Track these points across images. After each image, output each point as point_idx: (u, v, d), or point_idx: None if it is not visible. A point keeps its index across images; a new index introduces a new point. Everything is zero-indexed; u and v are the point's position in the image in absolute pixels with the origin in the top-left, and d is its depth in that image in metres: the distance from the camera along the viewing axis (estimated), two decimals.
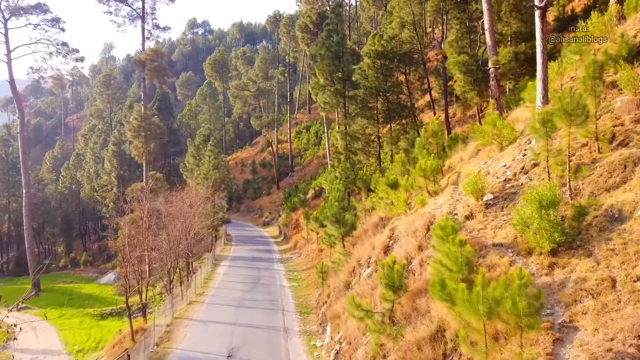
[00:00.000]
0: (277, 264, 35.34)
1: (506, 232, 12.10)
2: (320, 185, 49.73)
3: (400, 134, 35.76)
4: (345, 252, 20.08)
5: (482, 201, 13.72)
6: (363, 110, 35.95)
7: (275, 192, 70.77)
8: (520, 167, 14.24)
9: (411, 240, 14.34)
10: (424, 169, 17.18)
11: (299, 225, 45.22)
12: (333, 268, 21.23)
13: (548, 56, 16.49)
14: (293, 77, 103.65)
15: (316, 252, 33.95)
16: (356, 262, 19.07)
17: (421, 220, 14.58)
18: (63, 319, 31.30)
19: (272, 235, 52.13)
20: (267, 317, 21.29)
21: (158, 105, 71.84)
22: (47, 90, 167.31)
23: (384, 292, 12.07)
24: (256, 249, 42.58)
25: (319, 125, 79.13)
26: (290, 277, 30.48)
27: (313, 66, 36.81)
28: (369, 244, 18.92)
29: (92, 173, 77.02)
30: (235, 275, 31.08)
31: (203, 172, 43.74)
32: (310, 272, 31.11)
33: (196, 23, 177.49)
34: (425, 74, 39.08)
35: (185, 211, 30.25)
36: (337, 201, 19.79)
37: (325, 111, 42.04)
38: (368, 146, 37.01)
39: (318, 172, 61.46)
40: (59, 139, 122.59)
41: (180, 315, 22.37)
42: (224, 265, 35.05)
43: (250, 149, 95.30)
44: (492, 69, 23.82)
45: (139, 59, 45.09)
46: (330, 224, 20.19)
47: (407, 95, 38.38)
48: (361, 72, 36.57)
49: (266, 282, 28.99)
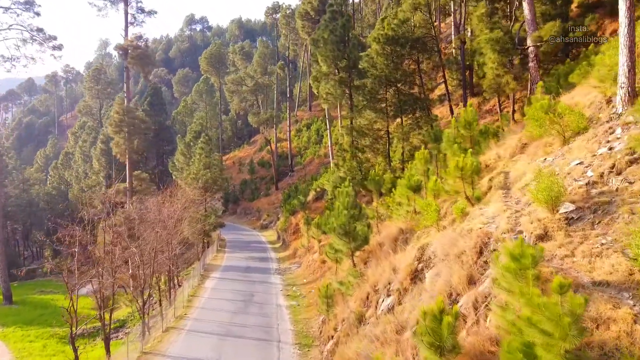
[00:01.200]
0: (273, 276, 31.22)
1: (611, 264, 7.96)
2: (322, 186, 45.58)
3: (412, 128, 31.63)
4: (355, 272, 15.96)
5: (560, 214, 9.59)
6: (371, 102, 31.80)
7: (274, 193, 66.65)
8: (609, 166, 10.11)
9: (455, 267, 10.20)
10: (462, 168, 13.06)
11: (299, 231, 41.09)
12: (340, 291, 17.10)
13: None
14: (293, 73, 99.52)
15: (318, 263, 29.84)
16: (371, 287, 14.94)
17: (468, 239, 10.44)
18: (25, 341, 27.15)
19: (269, 240, 48.01)
20: (258, 351, 17.17)
21: (150, 100, 67.74)
22: (41, 88, 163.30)
23: (427, 355, 7.94)
24: (251, 257, 38.45)
25: (320, 123, 75.03)
26: (289, 294, 26.36)
27: (315, 52, 32.73)
28: (386, 264, 14.79)
29: (81, 173, 72.92)
30: (224, 291, 26.93)
31: (193, 171, 39.61)
32: (312, 287, 27.00)
33: (194, 19, 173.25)
34: (441, 62, 34.91)
35: (166, 217, 26.13)
36: (346, 208, 15.68)
37: (328, 103, 37.90)
38: (377, 143, 32.87)
39: (319, 172, 57.38)
40: (51, 138, 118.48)
41: (152, 348, 18.23)
42: (214, 277, 30.90)
43: (248, 148, 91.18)
44: (531, 48, 19.68)
45: (121, 45, 40.94)
46: (337, 237, 16.08)
47: (419, 85, 34.20)
48: (369, 60, 32.43)
49: (260, 300, 24.87)
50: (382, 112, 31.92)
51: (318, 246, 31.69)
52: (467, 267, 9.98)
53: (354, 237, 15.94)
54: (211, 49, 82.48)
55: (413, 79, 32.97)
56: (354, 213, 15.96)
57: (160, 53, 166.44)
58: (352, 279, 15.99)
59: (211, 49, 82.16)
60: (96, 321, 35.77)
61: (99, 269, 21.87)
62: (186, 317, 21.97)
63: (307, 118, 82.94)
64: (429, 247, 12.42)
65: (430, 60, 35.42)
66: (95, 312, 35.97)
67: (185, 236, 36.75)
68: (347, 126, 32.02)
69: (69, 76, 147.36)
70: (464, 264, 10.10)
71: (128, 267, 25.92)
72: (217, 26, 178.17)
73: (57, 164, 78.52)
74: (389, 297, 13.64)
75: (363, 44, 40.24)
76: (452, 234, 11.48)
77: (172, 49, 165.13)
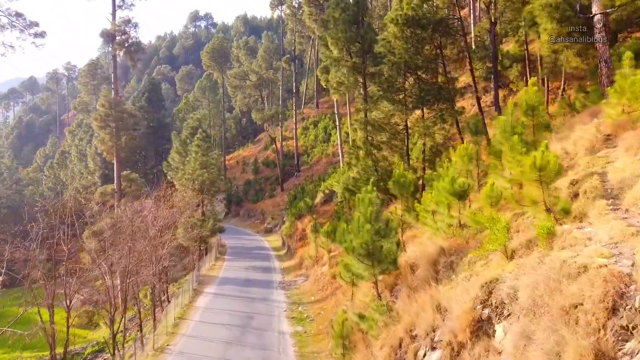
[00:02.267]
0: (277, 292, 27.27)
1: None
2: (330, 187, 41.59)
3: (435, 122, 27.53)
4: (381, 307, 11.93)
5: None
6: (388, 92, 27.71)
7: (279, 194, 62.70)
8: None
9: (566, 333, 6.14)
10: (541, 168, 9.02)
11: (305, 237, 37.13)
12: (360, 328, 13.08)
13: None
14: (300, 70, 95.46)
15: (328, 277, 25.84)
16: (405, 331, 10.91)
17: (586, 283, 6.36)
18: None
19: (273, 246, 44.05)
20: None
21: (148, 95, 63.99)
22: (43, 87, 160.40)
23: None
24: (253, 267, 34.50)
25: (327, 121, 70.95)
26: (294, 316, 22.37)
27: (324, 36, 28.69)
28: (426, 299, 10.75)
29: (77, 172, 69.33)
30: (219, 312, 22.97)
31: (188, 171, 35.70)
32: (321, 307, 23.05)
33: (198, 16, 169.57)
34: (466, 46, 30.72)
35: (150, 225, 22.23)
36: (369, 221, 11.67)
37: (339, 94, 33.84)
38: (394, 138, 28.80)
39: (327, 171, 53.38)
40: (51, 137, 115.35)
41: None
42: (208, 292, 26.98)
43: (252, 147, 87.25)
44: (598, 16, 15.55)
45: (107, 31, 37.05)
46: (356, 259, 12.06)
47: (442, 74, 30.07)
48: (385, 44, 28.42)
49: (260, 325, 20.90)
50: (401, 103, 27.85)
51: (328, 257, 27.73)
52: (590, 335, 5.92)
53: (379, 260, 11.91)
54: (214, 42, 78.38)
55: (436, 66, 28.84)
56: (379, 228, 11.94)
57: (164, 50, 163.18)
58: (377, 316, 11.96)
59: (214, 43, 78.09)
60: (79, 340, 32.06)
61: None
62: (167, 350, 18.01)
63: (314, 115, 78.93)
64: (499, 285, 8.38)
65: (455, 46, 31.22)
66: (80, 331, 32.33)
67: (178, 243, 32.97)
68: (360, 120, 27.97)
69: (71, 74, 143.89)
70: (583, 328, 6.04)
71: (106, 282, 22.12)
72: (222, 23, 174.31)
73: (52, 164, 74.98)
74: (435, 350, 9.62)
75: (376, 32, 36.16)
76: (542, 269, 7.43)
77: (175, 46, 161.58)
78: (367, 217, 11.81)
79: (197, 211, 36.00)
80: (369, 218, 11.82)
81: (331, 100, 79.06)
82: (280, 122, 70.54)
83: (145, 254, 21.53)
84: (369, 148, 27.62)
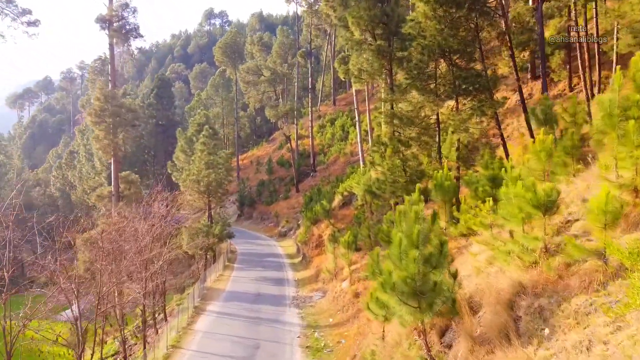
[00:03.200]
0: (289, 310, 23.70)
1: None
2: (350, 189, 37.90)
3: (473, 114, 23.68)
4: None
5: None
6: (418, 79, 23.95)
7: (294, 195, 59.19)
8: None
9: None
10: None
11: (322, 244, 33.54)
12: None
13: None
14: (316, 67, 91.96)
15: (349, 295, 22.18)
16: None
17: None
18: None
19: (287, 253, 40.52)
20: None
21: (157, 92, 60.96)
22: (58, 86, 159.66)
23: None
24: (264, 278, 31.03)
25: (345, 118, 67.24)
26: (309, 344, 18.74)
27: (343, 16, 25.05)
28: None
29: (84, 173, 66.81)
30: (220, 339, 19.46)
31: (193, 172, 32.34)
32: (341, 334, 19.39)
33: (213, 13, 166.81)
34: (507, 28, 26.75)
35: (141, 236, 18.84)
36: (416, 246, 7.91)
37: (361, 83, 30.12)
38: (424, 134, 25.04)
39: (345, 172, 49.71)
40: (64, 136, 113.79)
41: None
42: (211, 311, 23.52)
43: (267, 146, 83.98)
44: None
45: (103, 16, 33.91)
46: (397, 299, 8.32)
47: (479, 59, 26.18)
48: (414, 25, 24.69)
49: (268, 358, 17.35)
50: (432, 93, 24.08)
51: (349, 271, 24.09)
52: None
53: (430, 302, 8.21)
54: (226, 37, 75.09)
55: (473, 50, 24.96)
56: (429, 255, 8.25)
57: (178, 49, 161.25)
58: None
59: (226, 38, 74.82)
60: None
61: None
62: None
63: (331, 113, 75.27)
64: None
65: (493, 28, 27.27)
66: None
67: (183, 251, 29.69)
68: (386, 112, 24.27)
69: (84, 73, 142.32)
70: None
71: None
72: (237, 21, 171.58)
73: (61, 164, 72.58)
74: None
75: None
76: None
77: (190, 44, 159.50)
78: (413, 239, 8.14)
79: (201, 216, 32.73)
80: (416, 241, 8.14)
81: (348, 97, 75.33)
82: (295, 120, 67.02)
83: (134, 269, 18.16)
84: (396, 145, 23.88)
